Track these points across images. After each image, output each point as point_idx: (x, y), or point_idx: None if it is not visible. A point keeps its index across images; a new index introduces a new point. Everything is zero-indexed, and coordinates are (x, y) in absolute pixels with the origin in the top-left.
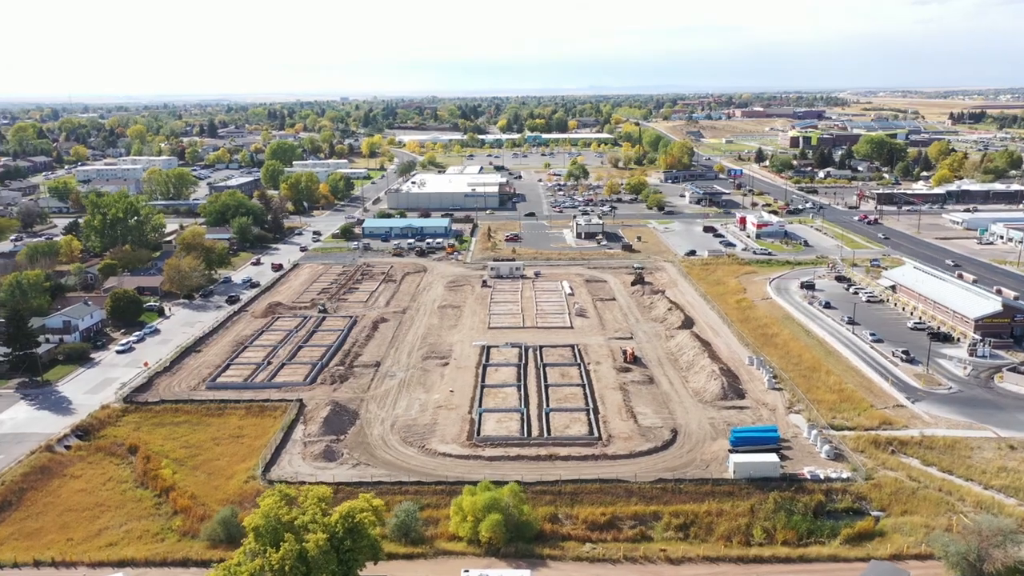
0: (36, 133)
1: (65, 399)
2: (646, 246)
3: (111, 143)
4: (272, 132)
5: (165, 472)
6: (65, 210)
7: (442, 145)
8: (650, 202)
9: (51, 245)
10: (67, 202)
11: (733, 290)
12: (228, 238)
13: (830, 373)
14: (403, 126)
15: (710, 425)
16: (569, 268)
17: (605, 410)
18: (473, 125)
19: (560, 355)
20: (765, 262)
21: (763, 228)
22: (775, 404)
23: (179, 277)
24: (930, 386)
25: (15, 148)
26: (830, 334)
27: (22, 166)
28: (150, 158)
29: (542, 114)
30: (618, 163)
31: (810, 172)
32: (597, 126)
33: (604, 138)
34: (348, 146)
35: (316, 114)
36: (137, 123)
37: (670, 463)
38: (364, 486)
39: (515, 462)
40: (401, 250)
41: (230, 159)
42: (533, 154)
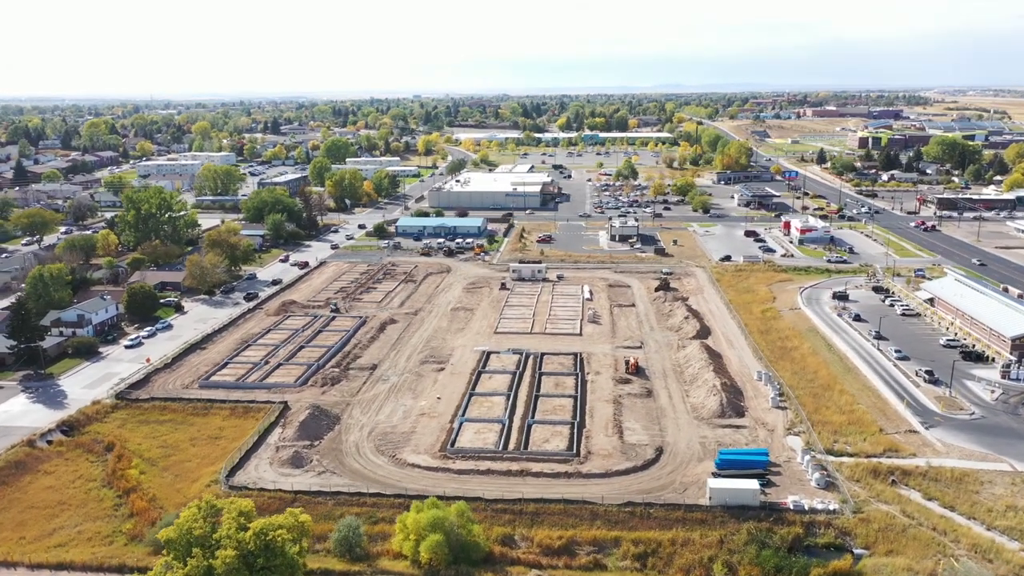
0: (108, 129)
1: (62, 393)
2: (681, 250)
3: (176, 139)
4: (333, 129)
5: (131, 472)
6: (118, 204)
7: (497, 143)
8: (695, 204)
9: (88, 239)
10: (119, 196)
11: (761, 299)
12: (262, 234)
13: (843, 392)
14: (463, 124)
15: (700, 445)
16: (595, 272)
17: (592, 424)
18: (532, 124)
19: (560, 363)
20: (803, 270)
21: (807, 233)
22: (775, 424)
23: (200, 273)
24: (950, 410)
25: (86, 143)
26: (853, 349)
27: (89, 161)
28: (209, 154)
29: (603, 112)
30: (673, 163)
31: (873, 175)
32: (658, 125)
33: (663, 137)
34: (405, 144)
35: (378, 111)
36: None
37: (646, 485)
38: (323, 496)
39: (484, 476)
40: (430, 249)
41: (286, 155)
42: (588, 153)
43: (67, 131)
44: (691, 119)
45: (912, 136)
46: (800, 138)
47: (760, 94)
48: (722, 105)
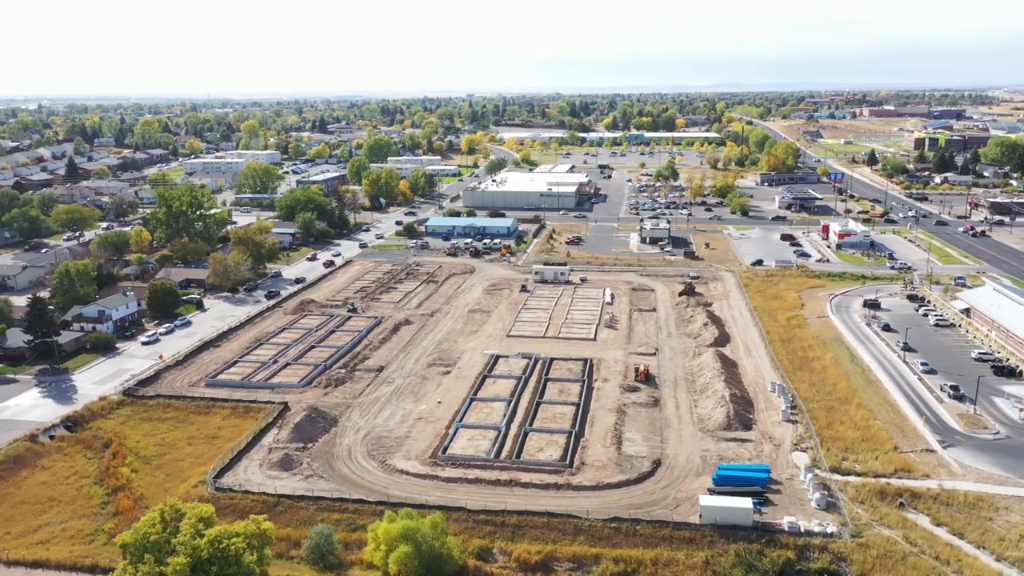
0: (161, 128)
1: (74, 388)
2: (713, 254)
3: (225, 137)
4: (380, 128)
5: (123, 470)
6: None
7: (541, 143)
8: (733, 206)
9: (121, 235)
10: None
11: (789, 305)
12: (292, 233)
13: (860, 406)
14: (510, 123)
15: (701, 458)
16: (620, 275)
17: (590, 433)
18: (578, 123)
19: (568, 369)
20: (837, 275)
21: (845, 238)
22: (782, 439)
23: (224, 271)
24: (973, 429)
25: (138, 141)
26: (877, 361)
27: (139, 158)
28: (255, 152)
29: (651, 112)
30: (717, 164)
31: (924, 177)
32: (706, 125)
33: (710, 137)
34: (448, 143)
35: (425, 111)
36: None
37: (638, 499)
38: (305, 500)
39: (471, 485)
40: (456, 250)
41: (330, 154)
42: (633, 153)
43: (121, 129)
44: (741, 119)
45: (972, 137)
46: (854, 139)
47: (820, 93)
48: (776, 105)
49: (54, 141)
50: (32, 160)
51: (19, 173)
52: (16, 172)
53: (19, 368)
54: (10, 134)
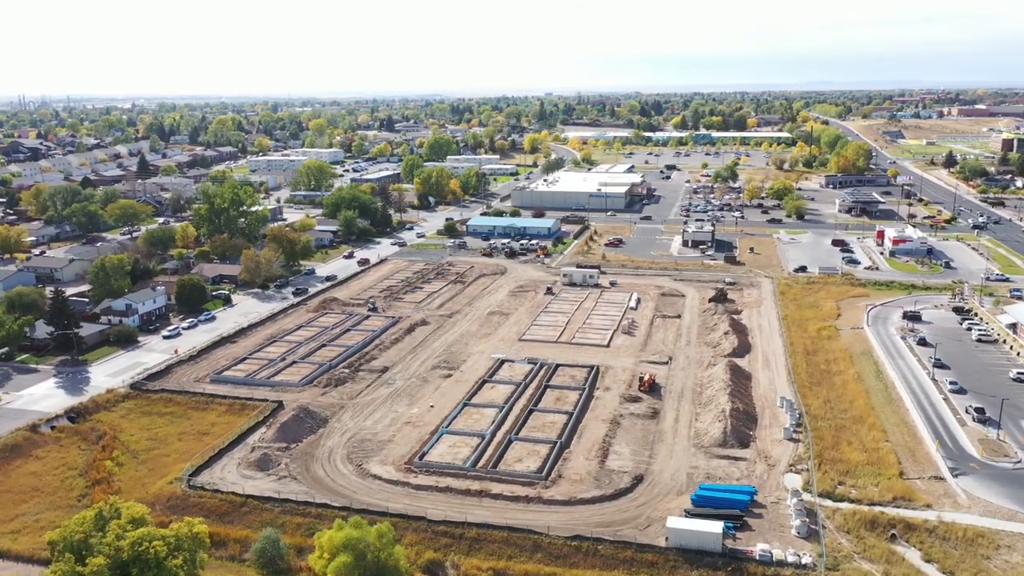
0: (235, 126)
1: (87, 380)
2: (756, 259)
3: (294, 136)
4: (446, 127)
5: (106, 463)
6: None
7: (604, 142)
8: (789, 209)
9: (167, 231)
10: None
11: (824, 315)
12: (334, 230)
13: (874, 427)
14: (578, 122)
15: (687, 476)
16: (653, 279)
17: (577, 445)
18: (646, 122)
19: (572, 376)
20: (884, 284)
21: (900, 244)
22: (779, 459)
23: (255, 267)
24: (992, 456)
25: (210, 139)
26: (903, 377)
27: (208, 156)
28: (318, 150)
29: (723, 111)
30: (783, 165)
31: (1004, 181)
32: (780, 124)
33: (780, 137)
34: (511, 142)
35: (494, 109)
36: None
37: (609, 517)
38: (272, 502)
39: (440, 494)
40: (492, 250)
41: (391, 152)
42: (697, 153)
43: (196, 128)
44: (817, 118)
45: None
46: (938, 139)
47: (912, 92)
48: (861, 103)
49: (132, 139)
50: (110, 157)
51: (96, 169)
52: (94, 168)
53: (43, 359)
54: (96, 132)
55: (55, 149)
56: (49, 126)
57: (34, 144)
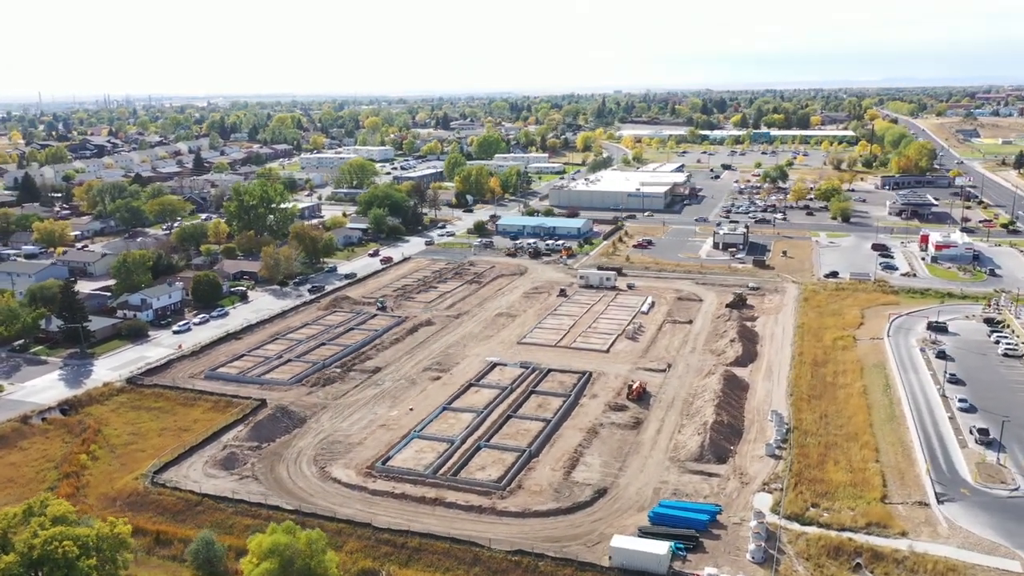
0: (294, 124)
1: (90, 373)
2: (787, 263)
3: (349, 134)
4: (502, 125)
5: (81, 457)
6: None
7: (659, 140)
8: (834, 211)
9: (199, 227)
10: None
11: (845, 324)
12: (364, 228)
13: (867, 445)
14: (636, 120)
15: (653, 491)
16: (674, 282)
17: (547, 454)
18: (705, 120)
19: (561, 382)
20: (918, 292)
21: (943, 250)
22: (755, 476)
23: (274, 264)
24: (987, 481)
25: (267, 137)
26: (911, 393)
27: (263, 153)
28: (369, 148)
29: (786, 109)
30: (841, 164)
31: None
32: (846, 122)
33: (842, 136)
34: (564, 140)
35: (553, 107)
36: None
37: (560, 531)
38: (226, 502)
39: (395, 501)
40: (517, 250)
41: (441, 151)
42: (754, 152)
43: (255, 126)
44: (886, 116)
45: None
46: (1016, 138)
47: (1000, 88)
48: (941, 100)
49: (193, 136)
50: (170, 154)
51: (156, 166)
52: (154, 164)
53: (54, 351)
54: (162, 130)
55: (122, 146)
56: (120, 124)
57: (101, 141)
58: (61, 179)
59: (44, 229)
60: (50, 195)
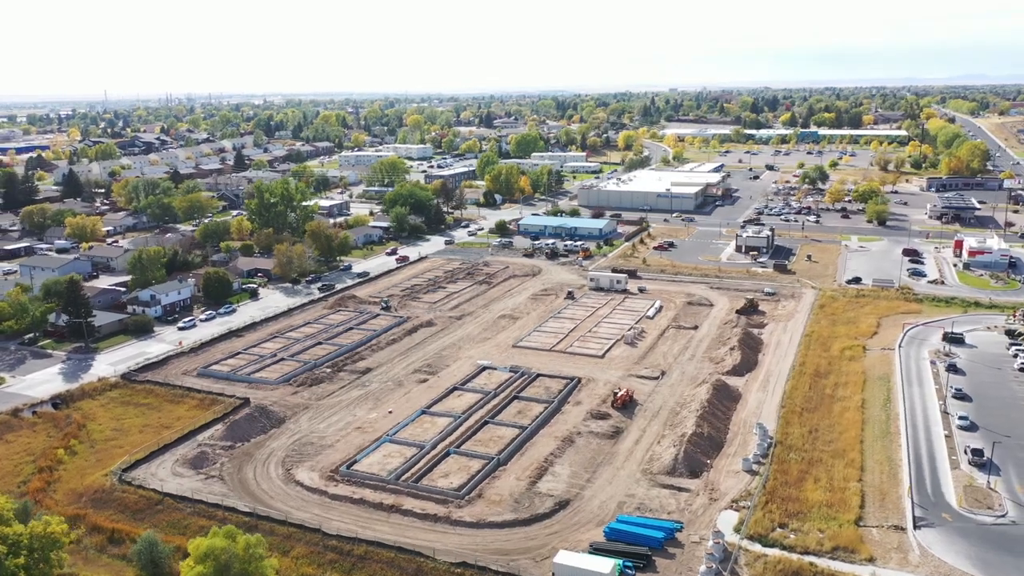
0: (338, 122)
1: (89, 368)
2: (810, 268)
3: (391, 132)
4: (545, 123)
5: (58, 451)
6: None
7: (702, 140)
8: (870, 214)
9: (222, 224)
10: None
11: (858, 333)
12: (385, 227)
13: (852, 463)
14: (683, 119)
15: (617, 505)
16: (688, 286)
17: (515, 463)
18: (754, 119)
19: (547, 387)
20: (943, 301)
21: (977, 256)
22: (726, 492)
23: (287, 262)
24: (972, 506)
25: (310, 134)
26: (909, 408)
27: (304, 151)
28: (408, 146)
29: (839, 107)
30: (888, 165)
31: None
32: (899, 122)
33: (894, 135)
34: (606, 139)
35: (598, 106)
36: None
37: (513, 544)
38: (186, 503)
39: (352, 506)
40: (535, 250)
41: (479, 148)
42: (799, 151)
43: (299, 123)
44: (944, 115)
45: None
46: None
47: None
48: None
49: (239, 134)
50: (214, 151)
51: (200, 163)
52: (198, 161)
53: (61, 345)
54: (210, 127)
55: (171, 143)
56: (171, 121)
57: (150, 139)
58: (107, 175)
59: (76, 224)
60: (93, 191)
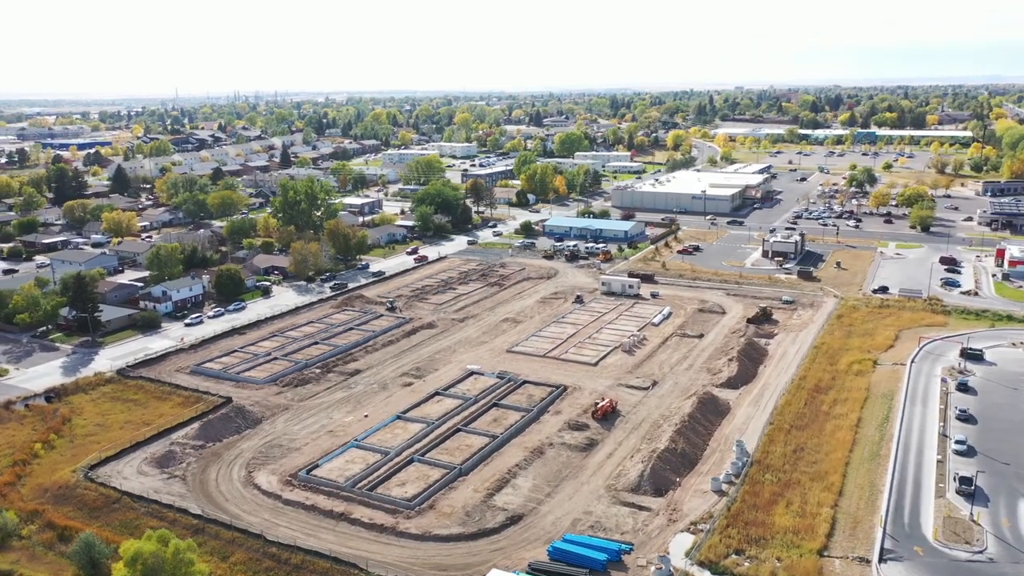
0: (389, 120)
1: (91, 362)
2: (838, 275)
3: (439, 130)
4: (597, 122)
5: (36, 446)
6: (335, 189)
7: (753, 140)
8: (913, 219)
9: (248, 222)
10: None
11: (871, 346)
12: (410, 226)
13: (831, 487)
14: (739, 118)
15: (572, 522)
16: (704, 292)
17: (477, 473)
18: (811, 119)
19: (530, 395)
20: (973, 314)
21: (1018, 266)
22: (687, 513)
23: (302, 260)
24: (949, 540)
25: (359, 132)
26: (906, 429)
27: (350, 149)
28: (453, 145)
29: (903, 107)
30: (945, 168)
31: None
32: (966, 122)
33: (956, 136)
34: (654, 138)
35: (652, 105)
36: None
37: (454, 559)
38: (142, 502)
39: (303, 512)
40: (555, 252)
41: (524, 147)
42: (854, 152)
43: (349, 121)
44: (1014, 115)
45: None
46: None
47: None
48: None
49: (289, 131)
50: (264, 148)
51: (249, 159)
52: (248, 158)
53: (70, 339)
54: (265, 124)
55: (225, 140)
56: (229, 119)
57: (204, 136)
58: (159, 171)
59: (112, 219)
60: (140, 186)
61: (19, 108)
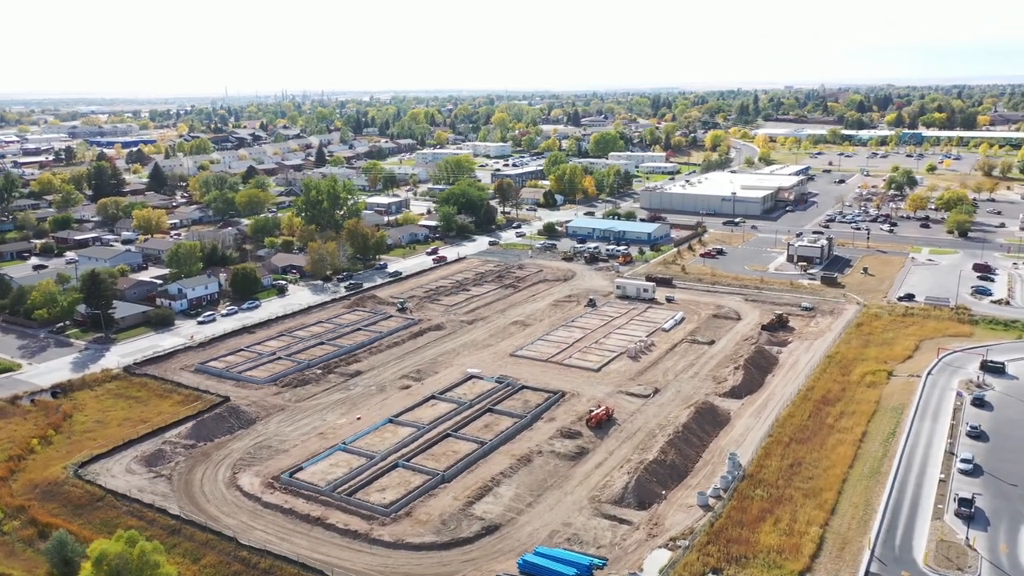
0: (427, 119)
1: (101, 358)
2: (865, 281)
3: (475, 129)
4: (636, 121)
5: (32, 441)
6: (365, 188)
7: (794, 140)
8: (950, 224)
9: (272, 220)
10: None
11: (889, 356)
12: (432, 226)
13: (823, 505)
14: (782, 118)
15: (550, 534)
16: (722, 297)
17: (460, 480)
18: (857, 119)
19: (526, 401)
20: (1002, 324)
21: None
22: (668, 528)
23: (319, 260)
24: (939, 565)
25: (396, 131)
26: (912, 446)
27: (386, 148)
28: (487, 144)
29: (952, 106)
30: (992, 171)
31: None
32: (1019, 123)
33: (1007, 137)
34: (692, 139)
35: (693, 104)
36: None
37: (422, 569)
38: (124, 501)
39: (280, 516)
40: (575, 253)
41: (558, 147)
42: (898, 154)
43: (387, 120)
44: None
45: None
46: None
47: None
48: None
49: (327, 130)
50: (301, 147)
51: (286, 158)
52: (284, 156)
53: (86, 335)
54: (305, 124)
55: (264, 139)
56: (271, 117)
57: (244, 134)
58: (197, 169)
59: (142, 216)
60: (177, 184)
61: (76, 107)
